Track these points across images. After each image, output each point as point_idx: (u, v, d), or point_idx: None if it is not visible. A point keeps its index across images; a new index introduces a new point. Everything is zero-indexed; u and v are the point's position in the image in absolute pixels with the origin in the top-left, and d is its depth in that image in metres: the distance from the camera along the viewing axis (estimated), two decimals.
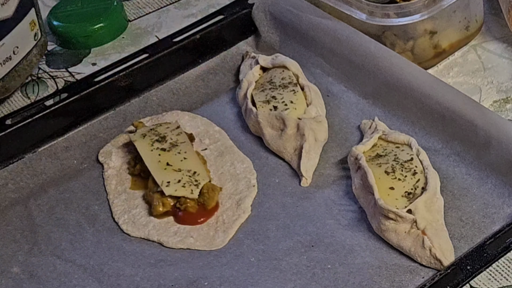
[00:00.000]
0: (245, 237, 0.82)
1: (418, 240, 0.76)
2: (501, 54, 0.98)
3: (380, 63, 0.91)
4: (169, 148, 0.86)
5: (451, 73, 0.96)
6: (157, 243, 0.82)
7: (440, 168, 0.83)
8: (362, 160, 0.82)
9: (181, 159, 0.85)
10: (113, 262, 0.81)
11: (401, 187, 0.80)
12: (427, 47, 0.96)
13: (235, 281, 0.78)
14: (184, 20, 1.08)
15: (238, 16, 1.04)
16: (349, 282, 0.76)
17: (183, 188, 0.83)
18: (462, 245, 0.77)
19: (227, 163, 0.88)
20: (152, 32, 1.08)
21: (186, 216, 0.83)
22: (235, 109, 0.96)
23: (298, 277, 0.77)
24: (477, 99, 0.91)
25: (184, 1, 1.12)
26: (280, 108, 0.91)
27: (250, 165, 0.88)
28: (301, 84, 0.93)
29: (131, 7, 1.13)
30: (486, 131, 0.82)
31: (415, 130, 0.88)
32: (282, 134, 0.88)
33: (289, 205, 0.84)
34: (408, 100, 0.89)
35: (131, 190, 0.87)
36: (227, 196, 0.85)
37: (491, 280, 0.74)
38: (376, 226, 0.78)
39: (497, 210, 0.80)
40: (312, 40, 0.98)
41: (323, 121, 0.90)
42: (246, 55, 1.01)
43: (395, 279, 0.75)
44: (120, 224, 0.84)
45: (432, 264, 0.75)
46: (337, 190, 0.85)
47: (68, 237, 0.84)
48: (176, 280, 0.79)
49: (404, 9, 0.92)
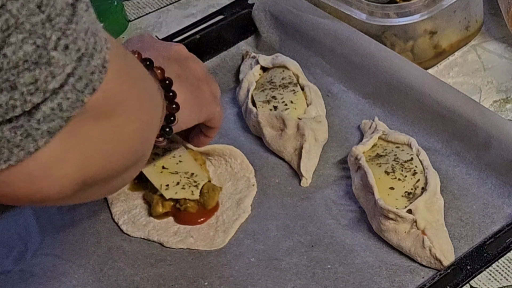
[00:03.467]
0: (245, 237, 0.82)
1: (418, 240, 0.76)
2: (501, 54, 0.98)
3: (380, 63, 0.91)
4: (162, 153, 0.86)
5: (451, 73, 0.96)
6: (157, 243, 0.82)
7: (440, 168, 0.83)
8: (362, 160, 0.82)
9: (176, 162, 0.85)
10: (113, 262, 0.81)
11: (401, 187, 0.80)
12: (427, 47, 0.96)
13: (235, 281, 0.78)
14: (184, 20, 1.08)
15: (238, 16, 1.04)
16: (349, 282, 0.76)
17: (183, 190, 0.83)
18: (462, 245, 0.77)
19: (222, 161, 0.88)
20: (152, 32, 1.08)
21: (186, 216, 0.83)
22: (235, 109, 0.96)
23: (298, 277, 0.77)
24: (477, 99, 0.91)
25: (184, 1, 1.12)
26: (280, 108, 0.91)
27: (244, 160, 0.88)
28: (301, 84, 0.93)
29: (131, 7, 1.13)
30: (486, 131, 0.82)
31: (415, 130, 0.88)
32: (282, 134, 0.88)
33: (289, 205, 0.84)
34: (408, 100, 0.89)
35: (130, 191, 0.87)
36: (227, 196, 0.85)
37: (491, 280, 0.74)
38: (376, 226, 0.78)
39: (497, 210, 0.80)
40: (312, 40, 0.98)
41: (323, 121, 0.90)
42: (246, 55, 1.01)
43: (395, 279, 0.75)
44: (120, 224, 0.84)
45: (432, 264, 0.75)
46: (337, 190, 0.85)
47: (68, 237, 0.84)
48: (176, 280, 0.79)
49: (404, 9, 0.92)
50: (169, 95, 0.70)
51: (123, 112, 0.52)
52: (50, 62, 0.45)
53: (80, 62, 0.46)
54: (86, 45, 0.47)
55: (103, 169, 0.53)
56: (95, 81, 0.48)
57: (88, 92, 0.47)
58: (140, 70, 0.59)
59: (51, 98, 0.46)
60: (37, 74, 0.44)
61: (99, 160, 0.52)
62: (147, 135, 0.59)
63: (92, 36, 0.47)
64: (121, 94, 0.52)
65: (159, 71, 0.71)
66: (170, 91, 0.70)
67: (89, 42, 0.47)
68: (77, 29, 0.46)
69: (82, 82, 0.47)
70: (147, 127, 0.58)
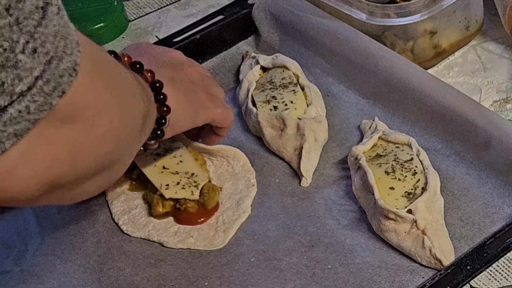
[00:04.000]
0: (245, 237, 0.82)
1: (418, 240, 0.76)
2: (501, 54, 0.98)
3: (380, 63, 0.91)
4: (164, 153, 0.86)
5: (451, 73, 0.96)
6: (157, 243, 0.82)
7: (440, 168, 0.83)
8: (362, 160, 0.82)
9: (177, 162, 0.85)
10: (113, 262, 0.81)
11: (401, 187, 0.80)
12: (427, 47, 0.96)
13: (235, 281, 0.78)
14: (184, 20, 1.08)
15: (238, 16, 1.04)
16: (349, 282, 0.76)
17: (183, 190, 0.83)
18: (462, 245, 0.77)
19: (223, 162, 0.88)
20: (152, 32, 1.08)
21: (186, 216, 0.83)
22: (235, 109, 0.96)
23: (298, 277, 0.77)
24: (477, 99, 0.91)
25: (184, 1, 1.12)
26: (280, 108, 0.91)
27: (247, 162, 0.88)
28: (301, 84, 0.93)
29: (131, 7, 1.13)
30: (486, 131, 0.82)
31: (415, 130, 0.88)
32: (282, 134, 0.88)
33: (289, 205, 0.84)
34: (408, 100, 0.89)
35: (130, 191, 0.87)
36: (227, 196, 0.85)
37: (491, 280, 0.74)
38: (376, 226, 0.78)
39: (497, 210, 0.80)
40: (312, 40, 0.98)
41: (323, 121, 0.90)
42: (246, 55, 1.01)
43: (395, 279, 0.75)
44: (120, 224, 0.84)
45: (432, 264, 0.75)
46: (337, 190, 0.85)
47: (68, 237, 0.84)
48: (176, 280, 0.79)
49: (404, 9, 0.92)
50: (159, 98, 0.70)
51: (93, 115, 0.52)
52: (17, 65, 0.45)
53: (49, 65, 0.46)
54: (56, 48, 0.47)
55: (71, 172, 0.53)
56: (64, 84, 0.48)
57: (57, 95, 0.47)
58: (117, 73, 0.59)
59: (18, 101, 0.46)
60: (3, 77, 0.44)
61: (66, 162, 0.52)
62: (122, 138, 0.59)
63: (62, 39, 0.47)
64: (91, 97, 0.52)
65: (149, 74, 0.71)
66: (160, 93, 0.70)
67: (59, 45, 0.47)
68: (46, 32, 0.46)
69: (51, 85, 0.47)
70: (121, 130, 0.57)
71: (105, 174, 0.59)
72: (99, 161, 0.56)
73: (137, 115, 0.62)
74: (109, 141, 0.56)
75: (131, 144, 0.63)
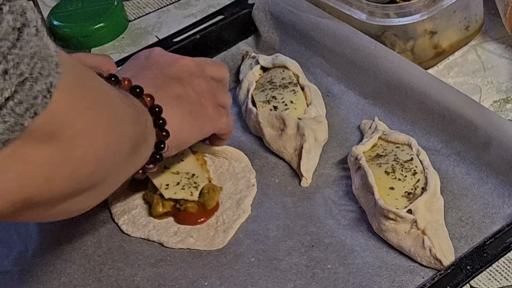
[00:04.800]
0: (245, 237, 0.82)
1: (418, 240, 0.76)
2: (501, 54, 0.98)
3: (380, 63, 0.91)
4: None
5: (451, 73, 0.96)
6: (157, 243, 0.82)
7: (440, 168, 0.83)
8: (362, 160, 0.82)
9: (178, 162, 0.85)
10: (113, 262, 0.81)
11: (401, 187, 0.80)
12: (427, 47, 0.96)
13: (235, 281, 0.78)
14: (184, 20, 1.08)
15: (238, 16, 1.04)
16: (349, 282, 0.76)
17: (182, 190, 0.83)
18: (462, 245, 0.77)
19: (225, 162, 0.88)
20: (152, 32, 1.08)
21: (186, 216, 0.83)
22: (235, 109, 0.96)
23: (298, 277, 0.77)
24: (477, 99, 0.91)
25: (184, 1, 1.12)
26: (280, 108, 0.91)
27: (248, 164, 0.88)
28: (301, 84, 0.93)
29: (131, 7, 1.13)
30: (486, 131, 0.82)
31: (415, 130, 0.88)
32: (282, 134, 0.88)
33: (289, 205, 0.84)
34: (408, 100, 0.89)
35: (130, 192, 0.87)
36: (227, 196, 0.85)
37: (491, 280, 0.74)
38: (376, 226, 0.78)
39: (497, 210, 0.80)
40: (312, 40, 0.98)
41: (323, 121, 0.90)
42: (246, 55, 1.01)
43: (395, 279, 0.75)
44: (120, 224, 0.84)
45: (432, 264, 0.75)
46: (337, 190, 0.85)
47: (68, 237, 0.84)
48: (176, 280, 0.79)
49: (404, 9, 0.92)
50: (159, 122, 0.70)
51: (72, 135, 0.52)
52: None
53: (22, 87, 0.46)
54: (31, 70, 0.46)
55: (47, 192, 0.53)
56: (37, 105, 0.47)
57: (29, 116, 0.47)
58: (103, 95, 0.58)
59: None
60: None
61: (41, 182, 0.51)
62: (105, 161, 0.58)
63: (39, 61, 0.47)
64: (71, 118, 0.51)
65: (149, 99, 0.71)
66: (160, 118, 0.71)
67: (35, 66, 0.47)
68: (20, 54, 0.46)
69: (23, 106, 0.46)
70: (102, 153, 0.57)
71: (88, 194, 0.58)
72: (77, 182, 0.55)
73: (124, 139, 0.62)
74: (88, 163, 0.55)
75: (117, 167, 0.62)
